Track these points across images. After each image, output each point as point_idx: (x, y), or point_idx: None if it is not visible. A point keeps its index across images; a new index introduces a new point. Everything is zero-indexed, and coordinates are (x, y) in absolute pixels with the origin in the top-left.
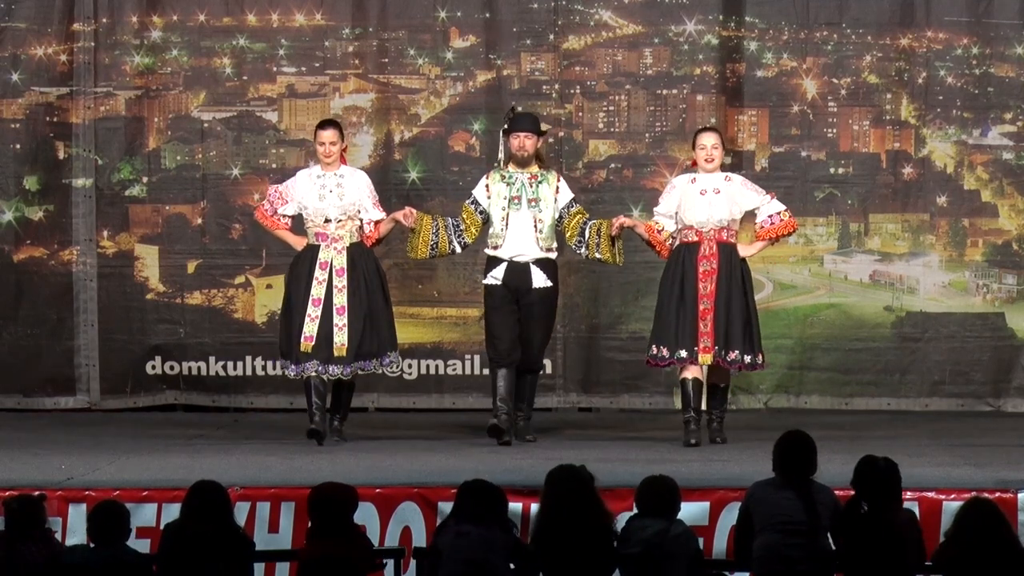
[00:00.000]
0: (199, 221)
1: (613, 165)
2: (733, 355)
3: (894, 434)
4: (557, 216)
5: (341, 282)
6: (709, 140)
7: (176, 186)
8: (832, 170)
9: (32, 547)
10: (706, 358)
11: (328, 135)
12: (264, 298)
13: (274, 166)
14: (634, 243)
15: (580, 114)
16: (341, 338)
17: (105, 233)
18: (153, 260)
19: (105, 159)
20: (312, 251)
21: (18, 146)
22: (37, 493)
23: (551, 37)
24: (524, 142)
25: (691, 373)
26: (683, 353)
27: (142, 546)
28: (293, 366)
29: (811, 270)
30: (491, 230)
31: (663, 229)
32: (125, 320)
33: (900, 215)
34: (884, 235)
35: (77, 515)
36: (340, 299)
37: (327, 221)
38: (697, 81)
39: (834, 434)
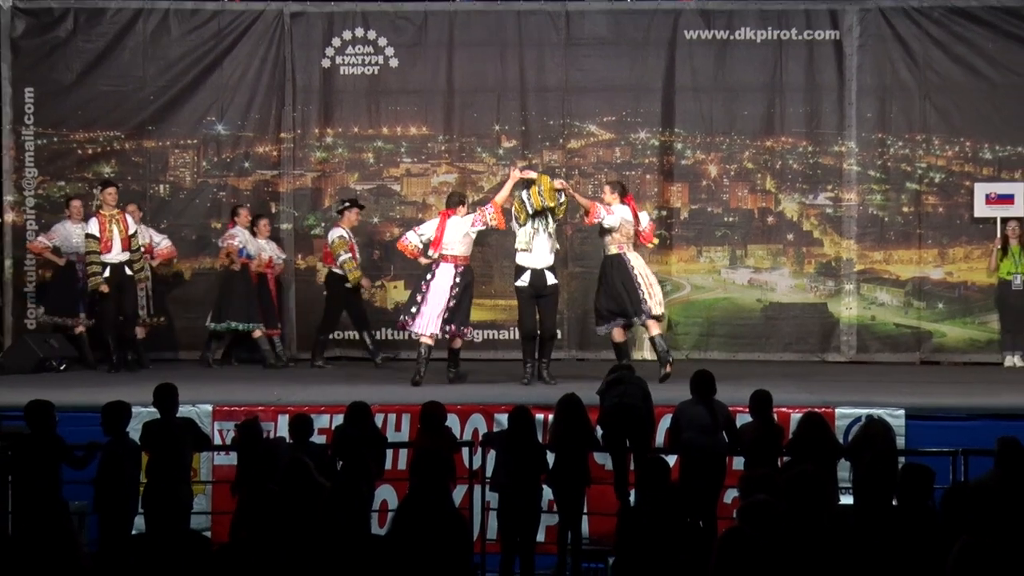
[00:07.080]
0: None
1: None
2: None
3: (763, 374)
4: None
5: (457, 289)
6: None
7: None
8: (726, 219)
9: (260, 464)
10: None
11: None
12: (393, 294)
13: (398, 218)
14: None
15: (577, 186)
16: (448, 317)
17: (299, 256)
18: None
19: (299, 213)
20: (443, 267)
21: (248, 206)
22: (254, 416)
23: (560, 140)
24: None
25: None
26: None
27: (320, 439)
28: (435, 330)
29: (713, 278)
30: (522, 242)
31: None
32: (312, 307)
33: (766, 245)
34: (756, 257)
35: (283, 421)
36: (454, 298)
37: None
38: (646, 167)
39: (727, 373)
